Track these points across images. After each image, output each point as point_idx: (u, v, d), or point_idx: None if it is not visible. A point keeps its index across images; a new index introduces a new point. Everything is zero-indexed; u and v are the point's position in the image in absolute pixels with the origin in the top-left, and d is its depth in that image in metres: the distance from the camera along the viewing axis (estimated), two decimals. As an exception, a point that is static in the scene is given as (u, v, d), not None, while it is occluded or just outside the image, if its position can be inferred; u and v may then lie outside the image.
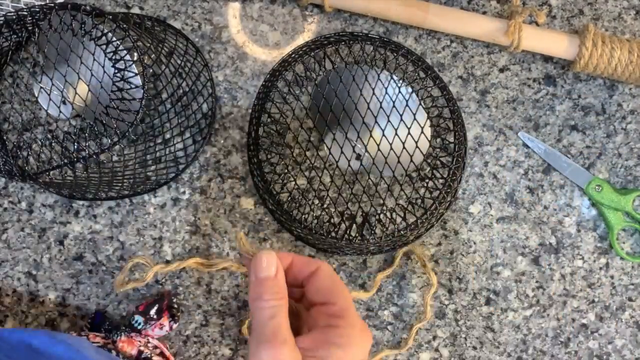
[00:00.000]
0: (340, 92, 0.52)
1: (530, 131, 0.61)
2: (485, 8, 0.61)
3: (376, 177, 0.57)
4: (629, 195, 0.59)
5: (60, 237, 0.59)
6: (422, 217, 0.54)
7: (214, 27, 0.61)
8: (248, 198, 0.59)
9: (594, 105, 0.61)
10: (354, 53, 0.55)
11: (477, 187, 0.60)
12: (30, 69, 0.60)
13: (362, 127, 0.52)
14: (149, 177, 0.58)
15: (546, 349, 0.60)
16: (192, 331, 0.59)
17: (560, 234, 0.60)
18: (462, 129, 0.56)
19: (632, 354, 0.60)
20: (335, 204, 0.57)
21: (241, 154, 0.60)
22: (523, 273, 0.60)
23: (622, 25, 0.61)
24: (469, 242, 0.60)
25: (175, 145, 0.58)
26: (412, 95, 0.54)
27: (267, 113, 0.55)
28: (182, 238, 0.59)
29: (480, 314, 0.60)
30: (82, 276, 0.59)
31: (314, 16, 0.61)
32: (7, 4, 0.58)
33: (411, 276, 0.60)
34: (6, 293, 0.59)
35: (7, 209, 0.59)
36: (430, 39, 0.61)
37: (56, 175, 0.54)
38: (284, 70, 0.55)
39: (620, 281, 0.60)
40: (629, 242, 0.61)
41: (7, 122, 0.60)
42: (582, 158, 0.61)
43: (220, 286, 0.59)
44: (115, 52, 0.51)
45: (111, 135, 0.57)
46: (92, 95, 0.52)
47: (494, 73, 0.61)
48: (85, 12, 0.50)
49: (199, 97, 0.58)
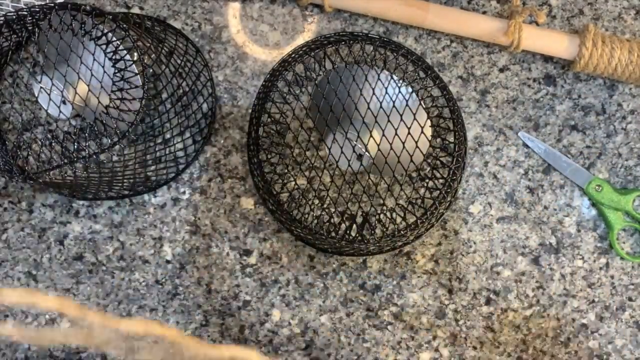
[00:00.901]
0: (340, 92, 0.52)
1: (530, 131, 0.61)
2: (485, 8, 0.61)
3: (376, 177, 0.57)
4: (629, 195, 0.59)
5: (60, 237, 0.59)
6: (422, 217, 0.54)
7: (214, 27, 0.60)
8: (248, 198, 0.59)
9: (594, 105, 0.61)
10: (354, 53, 0.55)
11: (477, 187, 0.60)
12: (30, 69, 0.60)
13: (362, 127, 0.52)
14: (149, 177, 0.58)
15: (546, 349, 0.60)
16: (192, 331, 0.59)
17: (560, 234, 0.60)
18: (462, 129, 0.56)
19: (632, 354, 0.60)
20: (335, 204, 0.57)
21: (241, 154, 0.60)
22: (523, 273, 0.60)
23: (622, 25, 0.61)
24: (469, 242, 0.60)
25: (175, 145, 0.58)
26: (412, 95, 0.53)
27: (267, 113, 0.55)
28: (182, 238, 0.59)
29: (480, 314, 0.60)
30: (82, 276, 0.59)
31: (314, 16, 0.61)
32: (7, 4, 0.58)
33: (411, 276, 0.60)
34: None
35: (7, 209, 0.59)
36: (430, 39, 0.61)
37: (56, 175, 0.54)
38: (284, 70, 0.55)
39: (620, 281, 0.60)
40: (629, 242, 0.61)
41: (7, 122, 0.60)
42: (582, 158, 0.61)
43: (220, 286, 0.59)
44: (115, 52, 0.51)
45: (111, 135, 0.57)
46: (92, 95, 0.52)
47: (494, 73, 0.61)
48: (85, 12, 0.50)
49: (199, 97, 0.58)
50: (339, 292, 0.60)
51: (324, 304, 0.60)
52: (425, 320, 0.60)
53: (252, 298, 0.59)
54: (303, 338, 0.59)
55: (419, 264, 0.59)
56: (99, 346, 0.40)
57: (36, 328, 0.58)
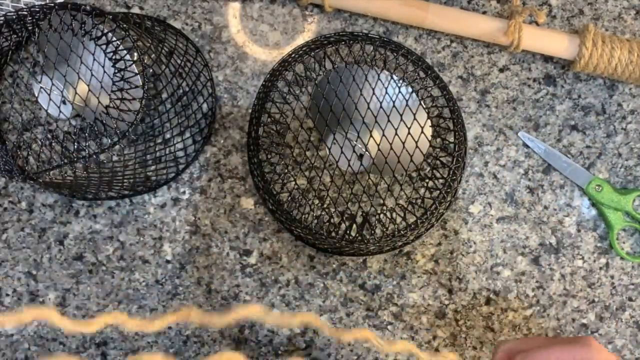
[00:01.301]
0: (340, 92, 0.52)
1: (530, 131, 0.61)
2: (485, 8, 0.61)
3: (376, 177, 0.57)
4: (629, 195, 0.59)
5: (60, 237, 0.59)
6: (422, 217, 0.54)
7: (214, 27, 0.60)
8: (248, 198, 0.59)
9: (594, 105, 0.61)
10: (354, 53, 0.55)
11: (477, 187, 0.60)
12: (30, 69, 0.60)
13: (362, 127, 0.52)
14: (149, 177, 0.58)
15: (546, 349, 0.60)
16: (192, 331, 0.59)
17: (560, 234, 0.60)
18: (462, 129, 0.56)
19: (632, 354, 0.60)
20: (335, 204, 0.57)
21: (241, 154, 0.60)
22: (523, 273, 0.60)
23: (622, 25, 0.61)
24: (469, 242, 0.60)
25: (175, 145, 0.58)
26: (412, 95, 0.53)
27: (267, 113, 0.55)
28: (182, 238, 0.59)
29: (480, 314, 0.60)
30: (82, 276, 0.59)
31: (314, 16, 0.61)
32: (7, 4, 0.58)
33: (411, 276, 0.60)
34: (6, 293, 0.59)
35: (7, 209, 0.59)
36: (430, 39, 0.61)
37: (56, 175, 0.54)
38: (284, 70, 0.55)
39: (620, 281, 0.60)
40: (629, 242, 0.61)
41: (7, 122, 0.60)
42: (582, 158, 0.61)
43: (220, 286, 0.59)
44: (115, 52, 0.51)
45: (111, 135, 0.57)
46: (92, 95, 0.52)
47: (494, 73, 0.61)
48: (85, 12, 0.50)
49: (199, 97, 0.58)
50: (339, 292, 0.60)
51: (324, 304, 0.60)
52: (425, 320, 0.60)
53: (252, 298, 0.59)
54: (303, 338, 0.59)
55: (419, 264, 0.59)
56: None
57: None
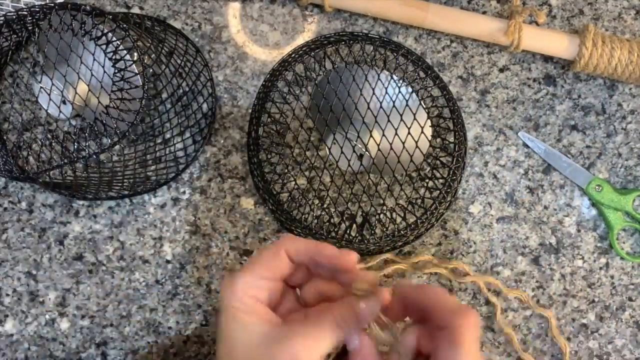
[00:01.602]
0: (340, 92, 0.53)
1: (530, 131, 0.61)
2: (485, 8, 0.61)
3: (376, 177, 0.57)
4: (629, 195, 0.59)
5: (60, 237, 0.59)
6: (422, 217, 0.54)
7: (214, 27, 0.61)
8: (248, 198, 0.59)
9: (594, 105, 0.61)
10: (354, 53, 0.55)
11: (477, 187, 0.60)
12: (30, 69, 0.60)
13: (362, 127, 0.52)
14: (149, 177, 0.58)
15: (546, 349, 0.60)
16: (192, 331, 0.59)
17: (560, 234, 0.60)
18: (462, 129, 0.56)
19: (632, 353, 0.60)
20: (335, 204, 0.57)
21: (241, 154, 0.60)
22: (523, 273, 0.60)
23: (622, 25, 0.61)
24: (469, 242, 0.60)
25: (175, 145, 0.58)
26: (412, 95, 0.54)
27: (267, 113, 0.55)
28: (182, 238, 0.59)
29: (480, 314, 0.60)
30: (82, 276, 0.59)
31: (314, 16, 0.61)
32: (7, 4, 0.58)
33: (411, 276, 0.60)
34: (6, 293, 0.59)
35: (7, 209, 0.59)
36: (430, 39, 0.61)
37: (56, 175, 0.54)
38: (284, 70, 0.55)
39: (620, 281, 0.60)
40: (629, 242, 0.61)
41: (7, 122, 0.60)
42: (582, 158, 0.61)
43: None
44: (115, 52, 0.51)
45: (111, 135, 0.57)
46: (92, 95, 0.52)
47: (494, 73, 0.61)
48: (85, 12, 0.50)
49: (199, 97, 0.58)
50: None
51: (324, 304, 0.59)
52: (425, 320, 0.60)
53: (252, 298, 0.59)
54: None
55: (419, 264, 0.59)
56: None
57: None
